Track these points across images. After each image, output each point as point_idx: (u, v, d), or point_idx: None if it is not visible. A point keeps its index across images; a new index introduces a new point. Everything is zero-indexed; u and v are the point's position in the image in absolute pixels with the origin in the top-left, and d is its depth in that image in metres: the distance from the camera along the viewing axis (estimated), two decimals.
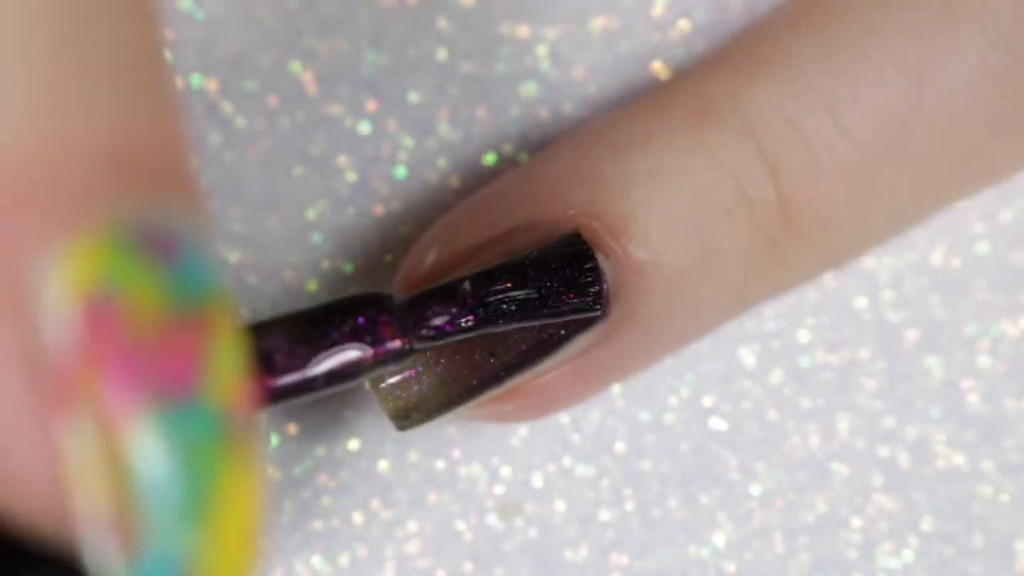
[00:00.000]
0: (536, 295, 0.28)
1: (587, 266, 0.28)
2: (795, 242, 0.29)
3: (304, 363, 0.26)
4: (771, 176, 0.29)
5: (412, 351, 0.27)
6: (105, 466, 0.19)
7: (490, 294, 0.28)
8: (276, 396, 0.26)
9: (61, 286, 0.19)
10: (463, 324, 0.28)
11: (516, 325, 0.28)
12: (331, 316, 0.27)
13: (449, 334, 0.28)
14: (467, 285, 0.28)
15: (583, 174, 0.29)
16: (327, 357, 0.26)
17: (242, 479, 0.20)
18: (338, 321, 0.27)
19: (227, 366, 0.19)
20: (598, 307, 0.28)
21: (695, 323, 0.30)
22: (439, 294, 0.28)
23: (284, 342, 0.26)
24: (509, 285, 0.28)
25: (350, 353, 0.27)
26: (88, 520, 0.19)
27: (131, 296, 0.19)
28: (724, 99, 0.29)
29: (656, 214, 0.29)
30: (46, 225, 0.19)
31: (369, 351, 0.27)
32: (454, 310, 0.28)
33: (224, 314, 0.19)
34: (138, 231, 0.19)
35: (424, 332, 0.27)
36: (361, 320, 0.27)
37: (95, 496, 0.19)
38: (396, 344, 0.27)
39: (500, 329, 0.28)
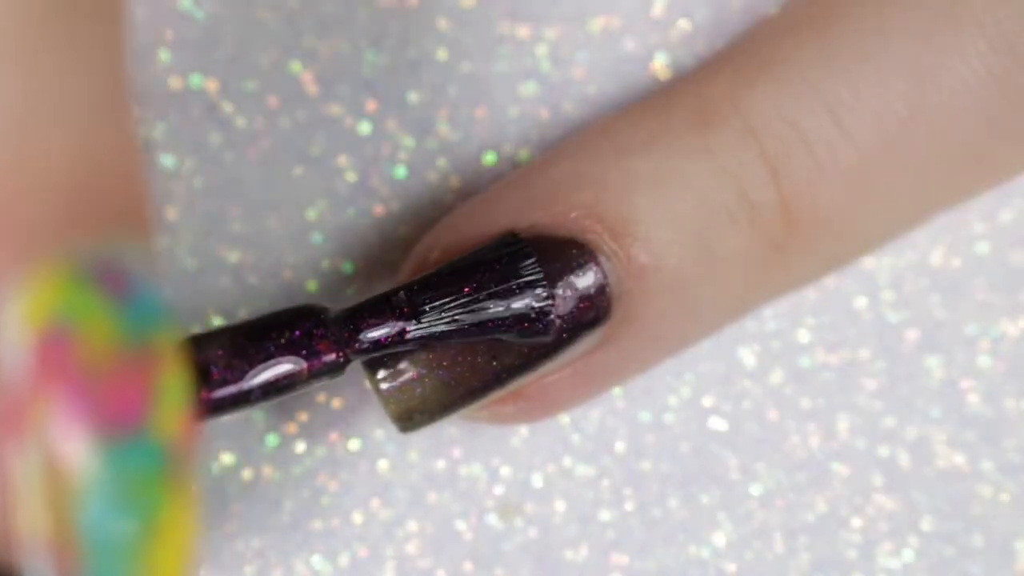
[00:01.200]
0: (475, 300, 0.28)
1: (525, 264, 0.28)
2: (797, 244, 0.29)
3: (240, 376, 0.26)
4: (772, 178, 0.29)
5: (348, 363, 0.27)
6: (50, 493, 0.19)
7: (426, 302, 0.28)
8: (212, 408, 0.26)
9: (17, 316, 0.19)
10: (401, 336, 0.28)
11: (460, 339, 0.28)
12: (268, 329, 0.27)
13: (386, 346, 0.28)
14: (402, 295, 0.28)
15: (585, 176, 0.29)
16: (263, 370, 0.27)
17: (180, 512, 0.20)
18: (275, 334, 0.27)
19: (172, 402, 0.20)
20: (544, 317, 0.28)
21: (696, 325, 0.30)
22: (374, 306, 0.28)
23: (221, 355, 0.26)
24: (445, 292, 0.28)
25: (285, 366, 0.27)
26: (30, 544, 0.19)
27: (84, 329, 0.19)
28: (725, 101, 0.29)
29: (658, 217, 0.29)
30: (4, 256, 0.19)
31: (303, 364, 0.27)
32: (390, 322, 0.28)
33: (172, 350, 0.20)
34: (93, 265, 0.19)
35: (358, 345, 0.27)
36: (297, 333, 0.27)
37: (38, 521, 0.19)
38: (331, 357, 0.27)
39: (442, 341, 0.28)
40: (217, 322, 0.31)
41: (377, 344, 0.27)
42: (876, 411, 0.32)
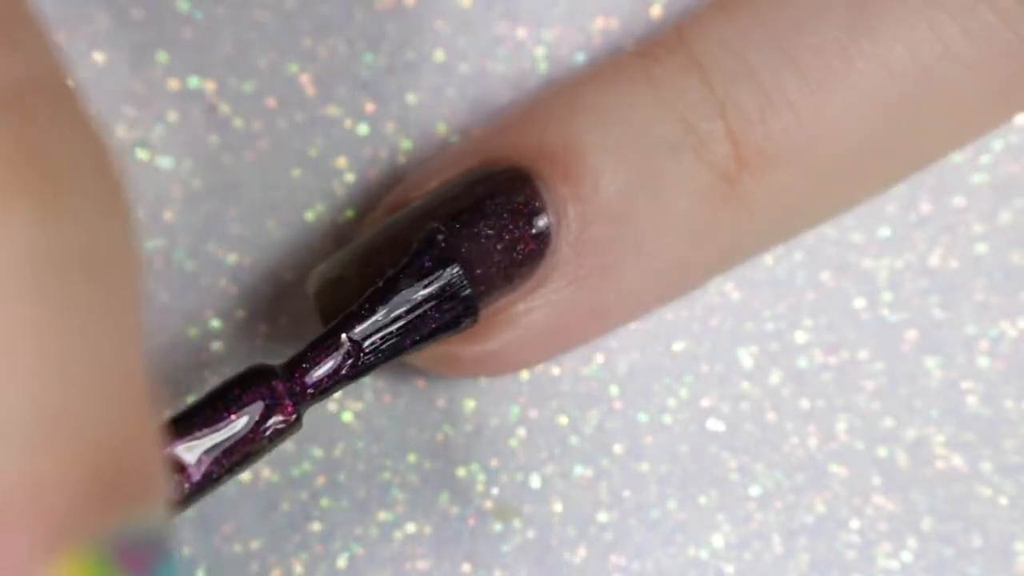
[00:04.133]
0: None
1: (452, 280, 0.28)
2: (749, 176, 0.29)
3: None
4: (718, 108, 0.29)
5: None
6: None
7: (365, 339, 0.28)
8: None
9: None
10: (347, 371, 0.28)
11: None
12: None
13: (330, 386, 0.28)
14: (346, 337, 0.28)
15: (535, 115, 0.29)
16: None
17: None
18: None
19: None
20: (468, 318, 0.28)
21: (642, 257, 0.29)
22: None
23: None
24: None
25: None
26: None
27: None
28: (672, 35, 0.29)
29: (598, 145, 0.29)
30: (33, 545, 0.19)
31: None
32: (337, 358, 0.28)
33: None
34: (117, 548, 0.19)
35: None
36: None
37: None
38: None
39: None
40: (215, 324, 0.31)
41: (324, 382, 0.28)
42: (875, 412, 0.32)
